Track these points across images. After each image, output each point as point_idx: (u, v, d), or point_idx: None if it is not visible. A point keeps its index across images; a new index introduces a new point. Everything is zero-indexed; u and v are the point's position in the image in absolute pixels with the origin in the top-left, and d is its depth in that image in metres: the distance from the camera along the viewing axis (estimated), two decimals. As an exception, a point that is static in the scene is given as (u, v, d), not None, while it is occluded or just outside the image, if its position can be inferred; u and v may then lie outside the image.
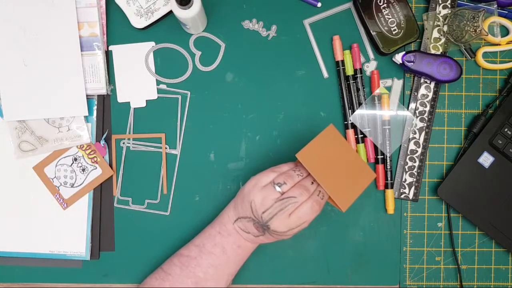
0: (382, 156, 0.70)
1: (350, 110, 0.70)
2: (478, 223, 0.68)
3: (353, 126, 0.70)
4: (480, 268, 0.70)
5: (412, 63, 0.67)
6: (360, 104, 0.70)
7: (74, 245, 0.69)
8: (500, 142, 0.68)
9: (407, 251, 0.70)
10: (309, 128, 0.70)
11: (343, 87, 0.70)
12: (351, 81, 0.69)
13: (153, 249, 0.70)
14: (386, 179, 0.69)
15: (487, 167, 0.68)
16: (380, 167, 0.69)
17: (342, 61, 0.70)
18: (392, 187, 0.69)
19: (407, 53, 0.67)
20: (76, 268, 0.70)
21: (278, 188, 0.55)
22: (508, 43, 0.70)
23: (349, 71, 0.69)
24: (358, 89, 0.70)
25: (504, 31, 0.71)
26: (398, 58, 0.68)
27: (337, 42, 0.69)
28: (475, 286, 0.70)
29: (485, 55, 0.71)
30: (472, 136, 0.70)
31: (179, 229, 0.70)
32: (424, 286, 0.70)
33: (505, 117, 0.68)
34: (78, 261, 0.70)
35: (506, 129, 0.68)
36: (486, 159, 0.69)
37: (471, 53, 0.70)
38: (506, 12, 0.70)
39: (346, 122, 0.70)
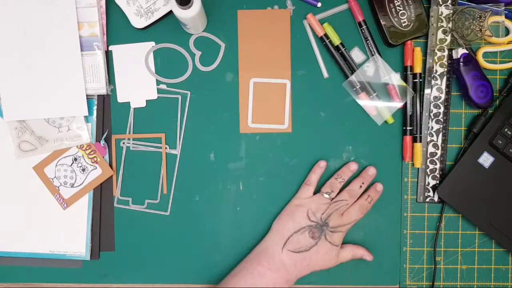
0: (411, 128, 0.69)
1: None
2: (478, 223, 0.68)
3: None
4: (480, 268, 0.70)
5: (467, 66, 0.67)
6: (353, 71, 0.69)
7: (74, 245, 0.69)
8: (500, 142, 0.68)
9: (407, 251, 0.70)
10: (309, 128, 0.70)
11: (337, 59, 0.69)
12: (343, 49, 0.69)
13: (153, 249, 0.70)
14: (414, 134, 0.69)
15: (487, 167, 0.68)
16: (408, 138, 0.69)
17: (326, 35, 0.69)
18: (420, 141, 0.69)
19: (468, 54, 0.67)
20: (76, 268, 0.70)
21: (327, 196, 0.66)
22: (508, 43, 0.70)
23: (336, 41, 0.69)
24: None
25: (504, 31, 0.71)
26: (459, 52, 0.67)
27: (311, 19, 0.68)
28: (475, 286, 0.70)
29: (485, 55, 0.71)
30: (472, 136, 0.70)
31: (179, 229, 0.70)
32: (424, 286, 0.70)
33: (505, 117, 0.68)
34: (78, 261, 0.70)
35: (506, 129, 0.68)
36: (486, 159, 0.69)
37: (471, 53, 0.70)
38: (507, 12, 0.70)
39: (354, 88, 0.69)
